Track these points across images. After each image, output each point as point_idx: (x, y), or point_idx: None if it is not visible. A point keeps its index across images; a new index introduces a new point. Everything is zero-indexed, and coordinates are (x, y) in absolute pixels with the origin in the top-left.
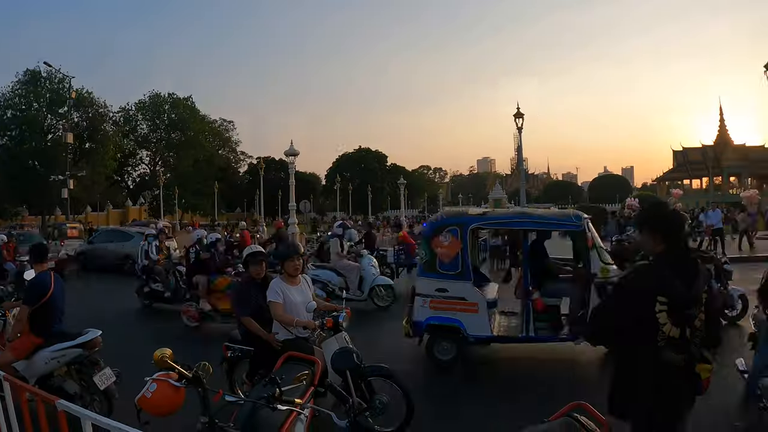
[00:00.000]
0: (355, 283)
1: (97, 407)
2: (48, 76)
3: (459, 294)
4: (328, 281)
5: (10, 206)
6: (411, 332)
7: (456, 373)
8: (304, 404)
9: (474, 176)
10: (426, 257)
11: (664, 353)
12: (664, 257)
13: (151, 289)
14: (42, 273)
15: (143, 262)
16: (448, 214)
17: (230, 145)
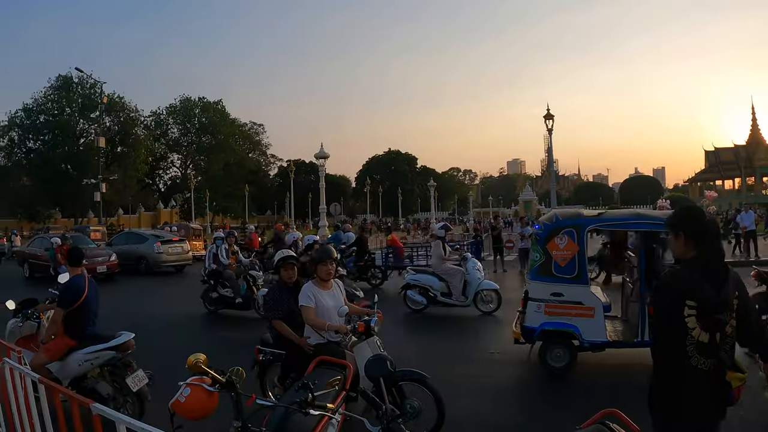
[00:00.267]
0: (459, 288)
1: (129, 409)
2: (80, 81)
3: (575, 298)
4: (429, 286)
5: (43, 209)
6: (522, 338)
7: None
8: (336, 409)
9: (504, 178)
10: (540, 260)
11: (693, 357)
12: (695, 261)
13: (219, 295)
14: (76, 276)
15: (211, 266)
16: (563, 216)
17: (260, 148)
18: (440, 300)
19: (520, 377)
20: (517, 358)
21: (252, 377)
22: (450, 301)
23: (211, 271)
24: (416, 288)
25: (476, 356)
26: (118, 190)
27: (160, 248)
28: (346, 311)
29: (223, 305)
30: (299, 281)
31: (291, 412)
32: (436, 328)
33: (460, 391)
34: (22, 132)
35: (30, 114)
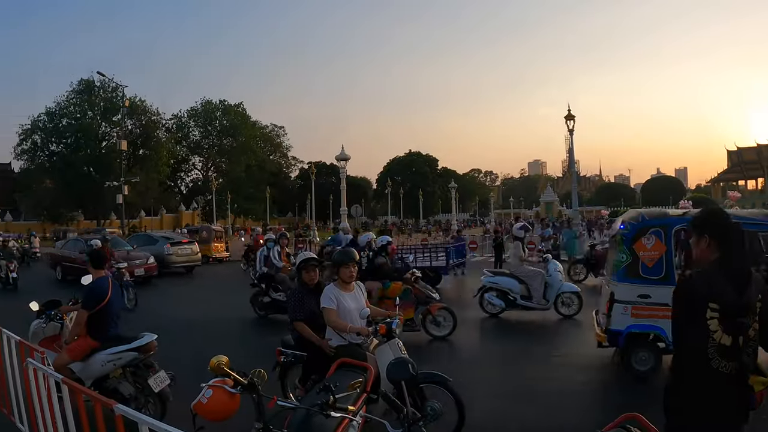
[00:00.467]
0: (540, 291)
1: (151, 409)
2: (102, 85)
3: (663, 300)
4: (509, 289)
5: (66, 211)
6: (607, 342)
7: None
8: (357, 411)
9: (525, 179)
10: (627, 261)
11: (714, 360)
12: (718, 263)
13: (272, 299)
14: (100, 278)
15: (263, 269)
16: (650, 215)
17: (281, 150)
18: (520, 303)
19: (544, 379)
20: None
21: (273, 379)
22: (530, 305)
23: (263, 275)
24: (494, 291)
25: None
26: (140, 192)
27: (170, 250)
28: (368, 313)
29: (275, 310)
30: (320, 283)
31: (312, 414)
32: (515, 332)
33: (478, 393)
34: (45, 135)
35: (53, 118)
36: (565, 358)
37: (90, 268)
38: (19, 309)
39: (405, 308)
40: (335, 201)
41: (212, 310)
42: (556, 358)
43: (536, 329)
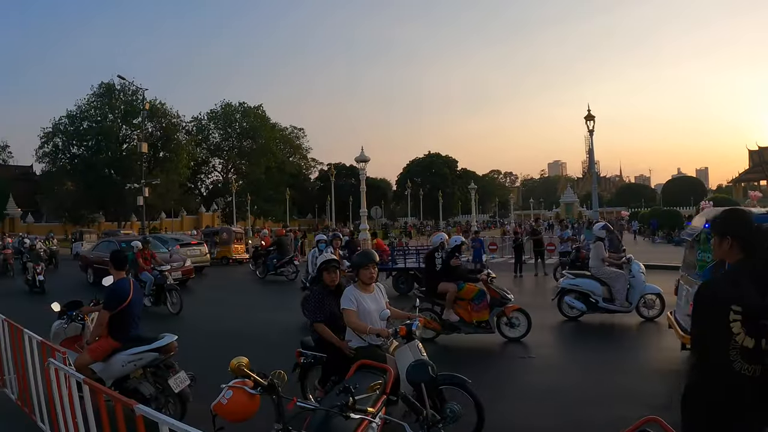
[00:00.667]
0: (623, 293)
1: (171, 410)
2: (122, 88)
3: None
4: (590, 291)
5: (87, 213)
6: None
7: (533, 380)
8: (376, 413)
9: (545, 180)
10: (713, 260)
11: (736, 362)
12: (741, 265)
13: None
14: (122, 280)
15: (314, 272)
16: None
17: (301, 152)
18: (602, 306)
19: (562, 381)
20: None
21: (293, 380)
22: (612, 307)
23: (315, 278)
24: (574, 293)
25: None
26: (160, 194)
27: (179, 251)
28: (388, 315)
29: None
30: (341, 285)
31: (331, 416)
32: (595, 335)
33: (501, 394)
34: (66, 138)
35: (73, 120)
36: (649, 363)
37: (111, 270)
38: (44, 312)
39: (479, 310)
40: (355, 202)
41: (231, 311)
42: (637, 362)
43: (618, 333)
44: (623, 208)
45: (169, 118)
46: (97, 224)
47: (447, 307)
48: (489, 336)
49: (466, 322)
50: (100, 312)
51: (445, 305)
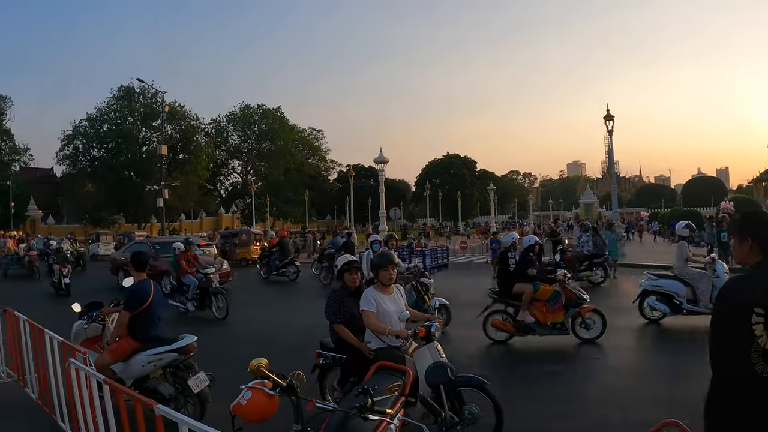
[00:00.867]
0: (707, 294)
1: (190, 410)
2: (141, 91)
3: None
4: (674, 293)
5: (107, 214)
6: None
7: (549, 381)
8: (395, 414)
9: (564, 180)
10: None
11: (758, 365)
12: (762, 267)
13: None
14: (143, 281)
15: (369, 274)
16: None
17: (320, 154)
18: (686, 308)
19: (583, 383)
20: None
21: (312, 381)
22: (696, 309)
23: (370, 280)
24: (656, 295)
25: None
26: (180, 195)
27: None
28: (407, 316)
29: None
30: (361, 286)
31: (350, 417)
32: (678, 340)
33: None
34: (86, 141)
35: (94, 123)
36: None
37: (132, 271)
38: (68, 315)
39: (555, 311)
40: (374, 204)
41: (249, 312)
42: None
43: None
44: (643, 209)
45: (188, 120)
46: (117, 226)
47: (523, 308)
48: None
49: (541, 324)
50: (121, 313)
51: (521, 306)
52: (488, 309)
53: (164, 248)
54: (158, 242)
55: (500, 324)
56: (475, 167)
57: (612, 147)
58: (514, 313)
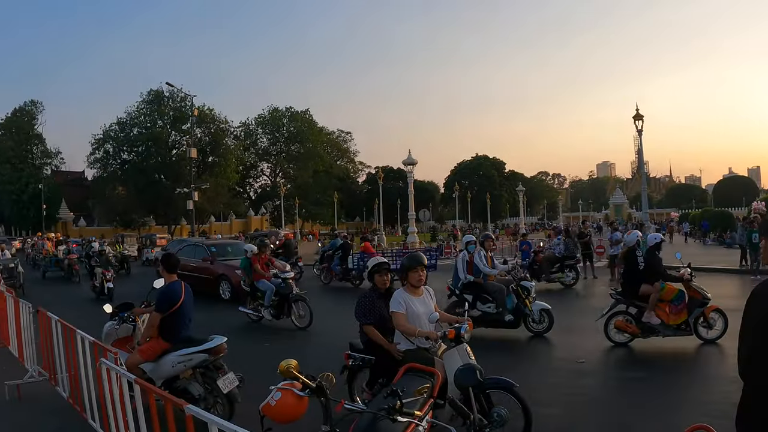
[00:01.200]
0: None
1: (219, 410)
2: (171, 95)
3: None
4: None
5: (138, 217)
6: None
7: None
8: (423, 416)
9: (594, 181)
10: None
11: None
12: None
13: (482, 312)
14: (174, 282)
15: (467, 277)
16: None
17: (348, 156)
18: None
19: (608, 386)
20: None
21: (340, 382)
22: None
23: (468, 283)
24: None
25: None
26: (209, 198)
27: None
28: (437, 318)
29: (484, 323)
30: (391, 287)
31: (378, 418)
32: None
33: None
34: (116, 144)
35: (124, 127)
36: None
37: (163, 272)
38: (103, 317)
39: (678, 311)
40: (403, 205)
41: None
42: None
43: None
44: (673, 209)
45: (217, 123)
46: (148, 228)
47: (649, 309)
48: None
49: (666, 325)
50: (152, 314)
51: (648, 307)
52: (610, 310)
53: (220, 251)
54: (213, 244)
55: (624, 326)
56: (503, 168)
57: (642, 147)
58: (635, 314)
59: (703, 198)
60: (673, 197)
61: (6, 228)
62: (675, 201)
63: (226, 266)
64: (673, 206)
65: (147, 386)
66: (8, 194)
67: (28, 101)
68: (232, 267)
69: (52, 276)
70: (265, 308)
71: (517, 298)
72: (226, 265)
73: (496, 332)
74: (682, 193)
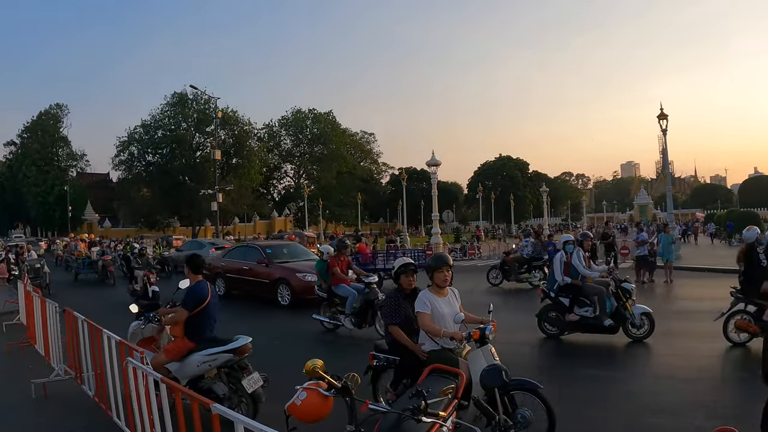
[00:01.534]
0: None
1: (243, 409)
2: (194, 98)
3: None
4: None
5: (162, 218)
6: None
7: (605, 383)
8: (448, 417)
9: (618, 181)
10: None
11: None
12: None
13: (580, 317)
14: (201, 282)
15: (565, 279)
16: None
17: (372, 157)
18: None
19: (634, 388)
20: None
21: (365, 383)
22: None
23: (565, 286)
24: None
25: None
26: (233, 199)
27: (214, 254)
28: (462, 318)
29: (581, 328)
30: (417, 288)
31: (403, 419)
32: None
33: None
34: (141, 147)
35: (148, 129)
36: None
37: (188, 273)
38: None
39: None
40: (427, 206)
41: (300, 313)
42: None
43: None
44: (698, 210)
45: (241, 125)
46: (173, 229)
47: None
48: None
49: None
50: (179, 310)
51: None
52: (730, 309)
53: (276, 252)
54: (268, 245)
55: (745, 325)
56: (527, 169)
57: (666, 146)
58: (754, 313)
59: (729, 198)
60: (698, 197)
61: (32, 229)
62: (700, 201)
63: (285, 269)
64: (698, 207)
65: (173, 385)
66: (34, 196)
67: (54, 104)
68: (292, 270)
69: (85, 279)
70: (345, 316)
71: (616, 301)
72: (285, 268)
73: (588, 338)
74: (707, 193)
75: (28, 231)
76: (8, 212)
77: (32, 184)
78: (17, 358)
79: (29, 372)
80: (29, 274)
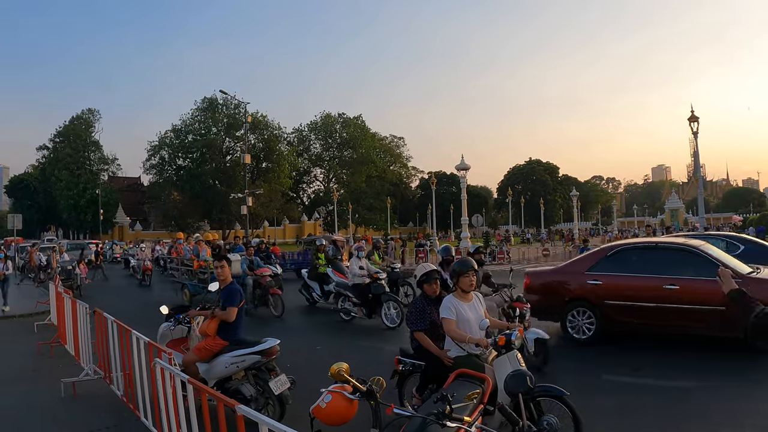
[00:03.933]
0: None
1: (270, 411)
2: (224, 102)
3: None
4: None
5: (193, 221)
6: None
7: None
8: (473, 422)
9: (648, 185)
10: None
11: None
12: None
13: None
14: (232, 283)
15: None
16: None
17: (401, 161)
18: None
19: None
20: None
21: (390, 387)
22: None
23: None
24: None
25: None
26: (263, 203)
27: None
28: (488, 324)
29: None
30: (442, 294)
31: (427, 423)
32: None
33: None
34: (172, 151)
35: (179, 134)
36: None
37: (225, 273)
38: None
39: None
40: (456, 210)
41: (326, 316)
42: None
43: None
44: (732, 213)
45: (270, 129)
46: (203, 231)
47: None
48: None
49: None
50: (228, 309)
51: None
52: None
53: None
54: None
55: None
56: (557, 173)
57: (697, 149)
58: None
59: (762, 202)
60: (731, 201)
61: (64, 232)
62: (732, 205)
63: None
64: (731, 210)
65: (200, 386)
66: (66, 199)
67: (86, 110)
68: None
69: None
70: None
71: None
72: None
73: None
74: (739, 196)
75: (60, 234)
76: (41, 215)
77: (64, 187)
78: (47, 357)
79: (59, 371)
80: (61, 275)
